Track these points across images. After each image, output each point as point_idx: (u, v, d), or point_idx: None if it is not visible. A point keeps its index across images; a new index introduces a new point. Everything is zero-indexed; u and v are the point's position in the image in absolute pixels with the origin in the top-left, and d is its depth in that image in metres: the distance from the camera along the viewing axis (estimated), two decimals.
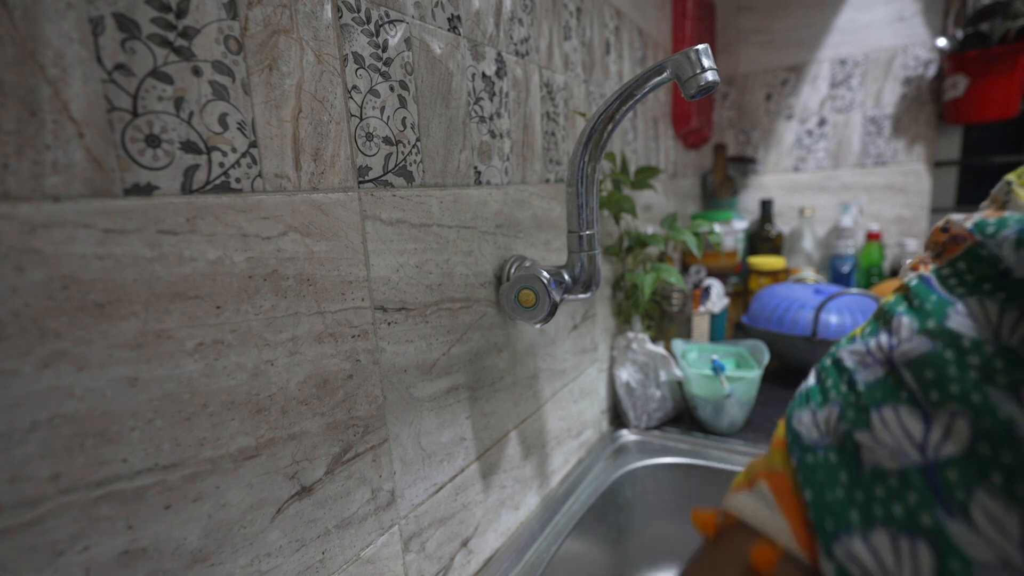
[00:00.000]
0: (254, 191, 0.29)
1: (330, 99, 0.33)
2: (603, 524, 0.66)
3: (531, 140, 0.56)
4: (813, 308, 0.86)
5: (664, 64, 0.39)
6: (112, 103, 0.23)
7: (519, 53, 0.53)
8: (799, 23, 1.27)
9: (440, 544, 0.45)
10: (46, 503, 0.22)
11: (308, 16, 0.32)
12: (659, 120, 1.01)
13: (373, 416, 0.38)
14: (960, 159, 1.21)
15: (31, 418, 0.21)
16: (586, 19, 0.68)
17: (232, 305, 0.28)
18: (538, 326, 0.48)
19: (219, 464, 0.28)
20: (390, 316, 0.39)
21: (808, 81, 1.29)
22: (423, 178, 0.42)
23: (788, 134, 1.33)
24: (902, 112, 1.21)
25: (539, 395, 0.60)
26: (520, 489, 0.57)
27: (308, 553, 0.33)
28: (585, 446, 0.73)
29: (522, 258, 0.53)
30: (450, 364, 0.45)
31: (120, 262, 0.24)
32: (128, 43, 0.24)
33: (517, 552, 0.54)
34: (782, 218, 1.36)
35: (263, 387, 0.30)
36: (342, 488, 0.36)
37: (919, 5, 1.16)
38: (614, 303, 0.79)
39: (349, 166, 0.35)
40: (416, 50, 0.40)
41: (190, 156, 0.26)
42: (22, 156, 0.21)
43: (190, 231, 0.26)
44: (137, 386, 0.25)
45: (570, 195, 0.47)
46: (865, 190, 1.28)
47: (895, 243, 1.26)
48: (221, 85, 0.28)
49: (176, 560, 0.26)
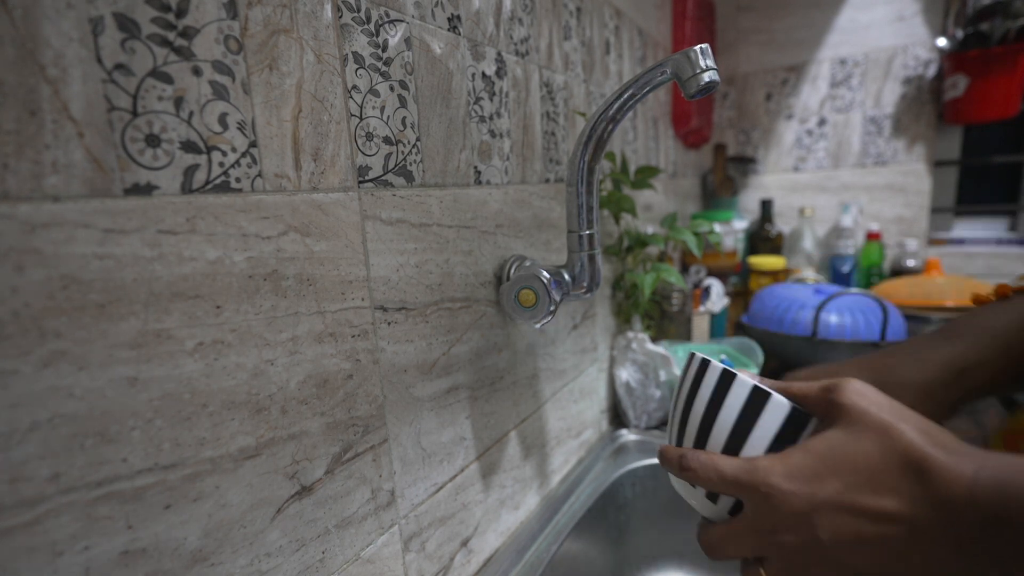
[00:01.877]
0: (254, 191, 0.29)
1: (330, 99, 0.33)
2: (603, 524, 0.66)
3: (531, 140, 0.56)
4: (813, 308, 0.86)
5: (664, 64, 0.39)
6: (112, 103, 0.23)
7: (519, 53, 0.53)
8: (799, 23, 1.27)
9: (440, 544, 0.45)
10: (46, 503, 0.22)
11: (308, 16, 0.32)
12: (659, 120, 1.01)
13: (373, 416, 0.38)
14: (960, 159, 1.21)
15: (31, 418, 0.21)
16: (586, 19, 0.68)
17: (232, 305, 0.28)
18: (538, 326, 0.48)
19: (219, 464, 0.28)
20: (390, 316, 0.39)
21: (808, 81, 1.29)
22: (423, 178, 0.42)
23: (788, 134, 1.33)
24: (902, 112, 1.21)
25: (539, 395, 0.60)
26: (520, 489, 0.57)
27: (308, 553, 0.33)
28: (585, 446, 0.73)
29: (522, 258, 0.53)
30: (450, 364, 0.45)
31: (120, 262, 0.24)
32: (128, 43, 0.24)
33: (517, 552, 0.54)
34: (782, 218, 1.36)
35: (263, 387, 0.30)
36: (342, 488, 0.36)
37: (919, 5, 1.16)
38: (614, 303, 0.79)
39: (349, 166, 0.35)
40: (416, 50, 0.40)
41: (190, 156, 0.26)
42: (22, 156, 0.21)
43: (190, 231, 0.26)
44: (137, 386, 0.25)
45: (570, 195, 0.47)
46: (865, 190, 1.28)
47: (895, 243, 1.26)
48: (221, 85, 0.28)
49: (176, 560, 0.26)
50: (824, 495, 0.27)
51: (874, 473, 0.26)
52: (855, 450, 0.27)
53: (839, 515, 0.26)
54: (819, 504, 0.27)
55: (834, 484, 0.27)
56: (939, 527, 0.24)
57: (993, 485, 0.23)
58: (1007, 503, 0.23)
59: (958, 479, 0.24)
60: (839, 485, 0.27)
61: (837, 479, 0.27)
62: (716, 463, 0.30)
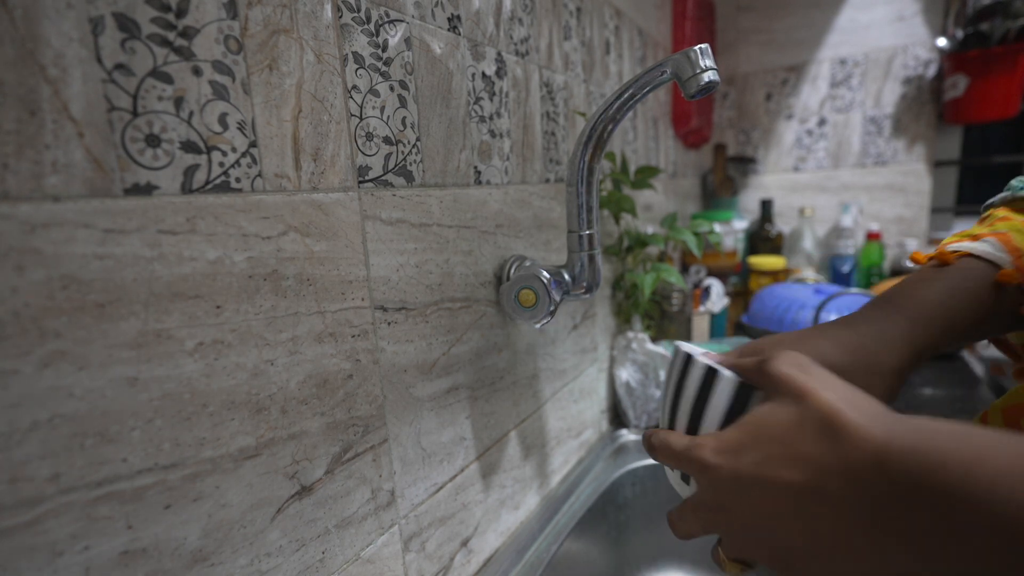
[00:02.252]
0: (254, 191, 0.29)
1: (330, 99, 0.33)
2: (603, 524, 0.66)
3: (531, 140, 0.56)
4: (813, 308, 0.86)
5: (664, 64, 0.39)
6: (112, 103, 0.23)
7: (519, 53, 0.53)
8: (799, 23, 1.27)
9: (440, 544, 0.45)
10: (46, 503, 0.22)
11: (308, 16, 0.32)
12: (659, 120, 1.01)
13: (373, 416, 0.38)
14: (960, 159, 1.21)
15: (31, 418, 0.21)
16: (586, 19, 0.68)
17: (232, 305, 0.28)
18: (538, 326, 0.48)
19: (219, 464, 0.28)
20: (390, 316, 0.39)
21: (808, 81, 1.29)
22: (423, 178, 0.42)
23: (788, 134, 1.33)
24: (902, 112, 1.21)
25: (539, 395, 0.60)
26: (520, 489, 0.57)
27: (308, 553, 0.33)
28: (585, 446, 0.73)
29: (522, 258, 0.53)
30: (450, 364, 0.45)
31: (120, 262, 0.24)
32: (128, 43, 0.24)
33: (517, 552, 0.54)
34: (782, 218, 1.36)
35: (263, 387, 0.30)
36: (342, 488, 0.36)
37: (919, 5, 1.16)
38: (614, 303, 0.79)
39: (349, 166, 0.35)
40: (416, 50, 0.40)
41: (190, 156, 0.26)
42: (22, 156, 0.21)
43: (190, 231, 0.26)
44: (137, 386, 0.25)
45: (570, 195, 0.47)
46: (865, 190, 1.28)
47: (895, 243, 1.26)
48: (221, 85, 0.28)
49: (176, 560, 0.27)
50: (744, 468, 0.26)
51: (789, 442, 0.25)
52: (775, 419, 0.26)
53: (756, 488, 0.26)
54: (741, 477, 0.26)
55: (753, 455, 0.26)
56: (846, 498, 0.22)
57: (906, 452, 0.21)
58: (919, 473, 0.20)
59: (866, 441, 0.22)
60: (757, 456, 0.26)
61: (756, 450, 0.26)
62: (669, 441, 0.31)
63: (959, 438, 0.21)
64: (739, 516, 0.27)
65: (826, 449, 0.23)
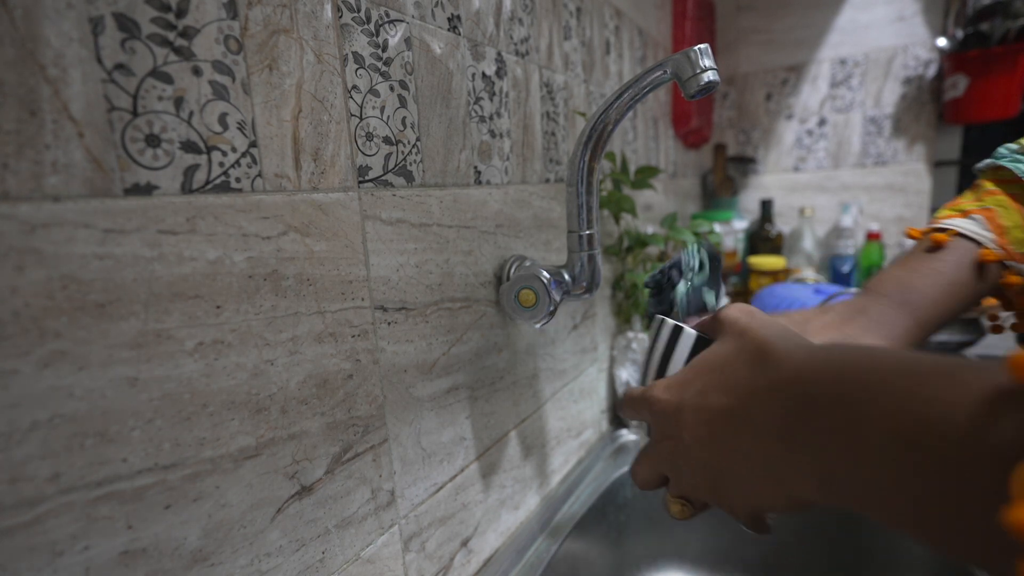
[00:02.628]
0: (254, 191, 0.29)
1: (330, 99, 0.33)
2: (603, 524, 0.66)
3: (531, 140, 0.56)
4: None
5: (664, 64, 0.39)
6: (112, 103, 0.23)
7: (519, 53, 0.53)
8: (799, 23, 1.27)
9: (440, 544, 0.45)
10: (46, 503, 0.22)
11: (308, 16, 0.32)
12: (659, 120, 1.01)
13: (373, 416, 0.38)
14: (960, 159, 1.21)
15: (31, 418, 0.21)
16: (586, 19, 0.68)
17: (232, 305, 0.28)
18: (538, 326, 0.48)
19: (219, 464, 0.28)
20: (390, 316, 0.39)
21: (808, 81, 1.29)
22: (423, 178, 0.42)
23: (788, 134, 1.33)
24: (902, 112, 1.21)
25: (539, 395, 0.60)
26: (520, 489, 0.57)
27: (308, 553, 0.33)
28: (585, 446, 0.73)
29: (522, 258, 0.53)
30: (450, 364, 0.45)
31: (120, 262, 0.24)
32: (128, 43, 0.24)
33: (517, 552, 0.54)
34: (782, 218, 1.36)
35: (263, 387, 0.30)
36: (342, 488, 0.36)
37: (919, 5, 1.16)
38: (614, 303, 0.79)
39: (349, 166, 0.35)
40: (416, 50, 0.40)
41: (190, 156, 0.26)
42: (22, 156, 0.21)
43: (190, 231, 0.26)
44: (137, 386, 0.25)
45: (570, 195, 0.47)
46: (865, 190, 1.28)
47: (895, 243, 1.26)
48: (221, 85, 0.28)
49: (176, 560, 0.27)
50: (687, 398, 0.29)
51: (727, 372, 0.27)
52: (717, 355, 0.29)
53: (696, 414, 0.28)
54: (683, 406, 0.29)
55: (696, 386, 0.29)
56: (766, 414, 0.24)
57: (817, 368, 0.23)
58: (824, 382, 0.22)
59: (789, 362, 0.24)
60: (699, 386, 0.28)
61: (699, 381, 0.29)
62: (632, 392, 0.34)
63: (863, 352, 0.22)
64: (682, 446, 0.29)
65: (757, 374, 0.26)
